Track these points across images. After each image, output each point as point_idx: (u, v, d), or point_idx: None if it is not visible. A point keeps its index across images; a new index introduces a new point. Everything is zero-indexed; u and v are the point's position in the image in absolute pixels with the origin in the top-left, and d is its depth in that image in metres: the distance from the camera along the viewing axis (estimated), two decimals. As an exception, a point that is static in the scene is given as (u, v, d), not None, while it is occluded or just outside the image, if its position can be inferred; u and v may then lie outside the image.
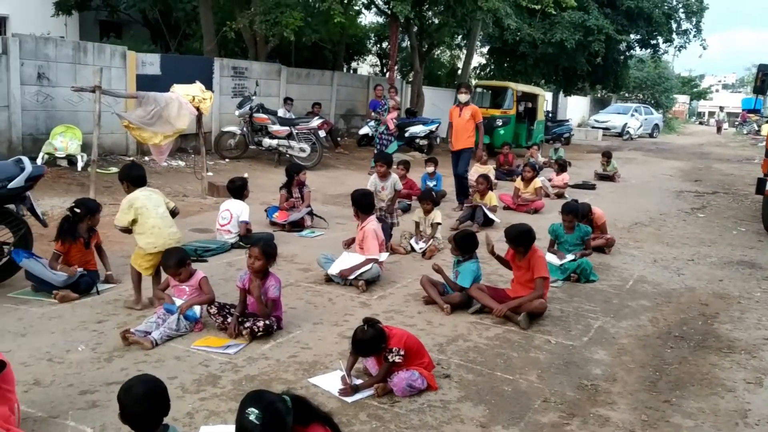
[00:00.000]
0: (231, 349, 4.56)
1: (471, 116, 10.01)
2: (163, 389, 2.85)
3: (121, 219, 5.34)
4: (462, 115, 10.08)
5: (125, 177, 5.55)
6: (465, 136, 10.13)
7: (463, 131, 10.12)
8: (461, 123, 10.09)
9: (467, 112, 10.04)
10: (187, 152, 13.54)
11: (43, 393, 3.84)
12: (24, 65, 10.67)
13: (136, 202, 5.32)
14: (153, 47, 19.48)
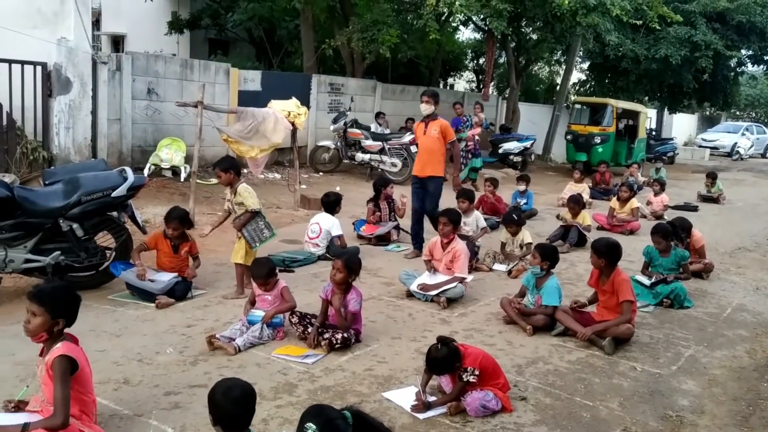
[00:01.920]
0: (309, 359, 4.65)
1: (440, 134, 7.73)
2: (255, 394, 2.95)
3: (255, 201, 5.99)
4: (428, 132, 7.80)
5: (231, 167, 6.06)
6: (434, 160, 7.78)
7: (431, 153, 7.77)
8: (428, 143, 7.81)
9: (434, 128, 7.74)
10: (283, 165, 13.96)
11: (131, 392, 4.05)
12: (135, 81, 11.36)
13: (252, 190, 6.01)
14: (257, 64, 20.29)
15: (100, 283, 6.04)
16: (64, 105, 10.11)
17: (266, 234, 6.12)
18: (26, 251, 5.51)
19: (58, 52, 10.00)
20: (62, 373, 3.15)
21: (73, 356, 3.23)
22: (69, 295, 3.38)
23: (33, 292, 3.31)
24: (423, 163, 7.88)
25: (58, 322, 3.28)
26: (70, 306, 3.35)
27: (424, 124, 7.88)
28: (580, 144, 18.72)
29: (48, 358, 3.22)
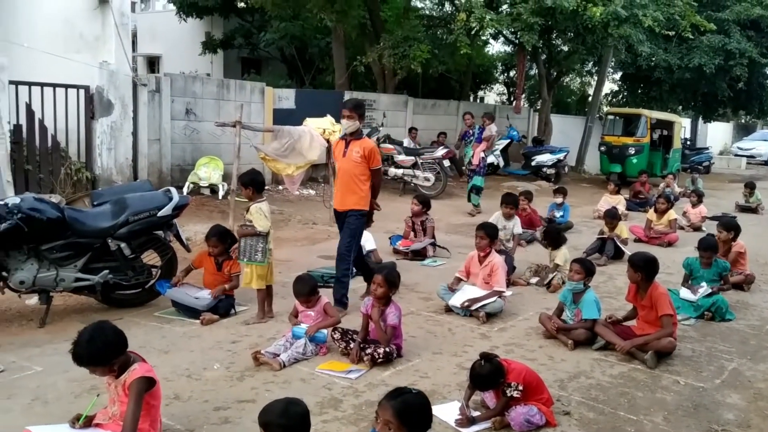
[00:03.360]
0: (353, 374, 4.73)
1: (363, 157, 6.11)
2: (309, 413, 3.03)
3: (265, 224, 5.78)
4: (348, 153, 6.16)
5: (250, 182, 5.92)
6: (354, 189, 6.17)
7: (351, 181, 6.16)
8: (347, 167, 6.17)
9: (356, 149, 6.12)
10: (317, 181, 14.12)
11: (182, 407, 4.17)
12: (174, 102, 11.63)
13: (266, 211, 5.82)
14: (289, 82, 20.61)
15: (146, 300, 6.21)
16: (106, 126, 10.41)
17: (258, 258, 5.80)
18: (76, 270, 5.69)
19: (100, 76, 10.32)
20: (138, 394, 3.31)
21: (151, 376, 3.41)
22: (103, 337, 3.40)
23: (73, 358, 3.39)
24: (342, 193, 6.30)
25: (114, 362, 3.40)
26: (110, 347, 3.40)
27: (343, 143, 6.25)
28: (614, 155, 18.58)
29: (126, 378, 3.37)
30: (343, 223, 6.33)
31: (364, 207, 6.26)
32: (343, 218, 6.34)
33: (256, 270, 5.86)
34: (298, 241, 9.38)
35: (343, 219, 6.32)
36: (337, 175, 6.47)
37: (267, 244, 5.84)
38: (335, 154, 6.53)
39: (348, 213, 6.24)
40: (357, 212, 6.23)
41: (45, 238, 5.51)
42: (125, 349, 3.48)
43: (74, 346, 3.40)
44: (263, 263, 5.84)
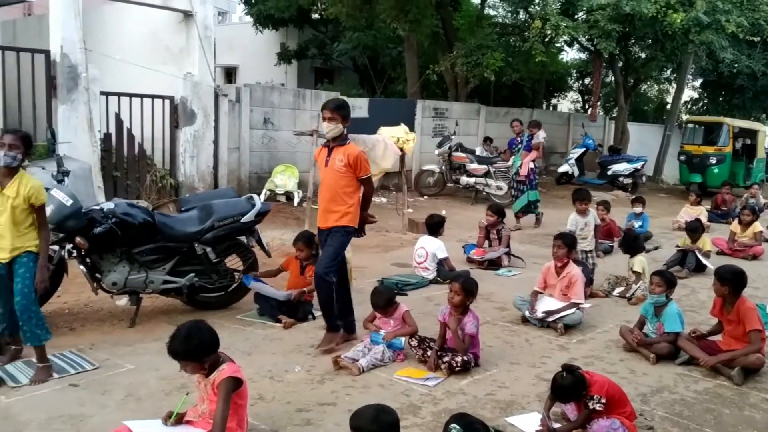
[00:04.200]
0: (430, 382, 4.76)
1: (347, 166, 5.29)
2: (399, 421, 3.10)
3: None
4: (331, 162, 5.35)
5: None
6: (338, 203, 5.35)
7: (334, 194, 5.34)
8: (330, 178, 5.37)
9: (339, 157, 5.31)
10: (389, 189, 14.24)
11: (266, 408, 4.29)
12: (253, 111, 11.98)
13: None
14: (361, 91, 20.87)
15: (229, 303, 6.41)
16: (189, 135, 10.82)
17: None
18: (164, 273, 5.94)
19: (184, 86, 10.73)
20: (226, 393, 3.44)
21: (238, 376, 3.53)
22: (200, 336, 3.55)
23: (169, 351, 3.55)
24: (326, 208, 5.41)
25: (205, 360, 3.54)
26: (204, 345, 3.55)
27: (326, 151, 5.41)
28: (695, 165, 17.99)
29: (215, 377, 3.51)
30: (326, 242, 5.42)
31: (349, 223, 5.36)
32: (326, 235, 5.41)
33: None
34: (372, 249, 9.47)
35: (326, 236, 5.41)
36: (320, 188, 5.50)
37: None
38: (318, 164, 5.58)
39: (331, 230, 5.36)
40: (341, 228, 5.36)
41: (136, 242, 5.77)
42: (217, 348, 3.62)
43: (171, 341, 3.56)
44: None
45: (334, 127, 5.28)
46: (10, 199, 4.44)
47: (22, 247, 4.54)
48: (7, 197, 4.45)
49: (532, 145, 11.77)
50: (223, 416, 3.45)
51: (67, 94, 9.23)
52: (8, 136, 4.50)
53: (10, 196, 4.45)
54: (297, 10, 19.69)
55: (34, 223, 4.61)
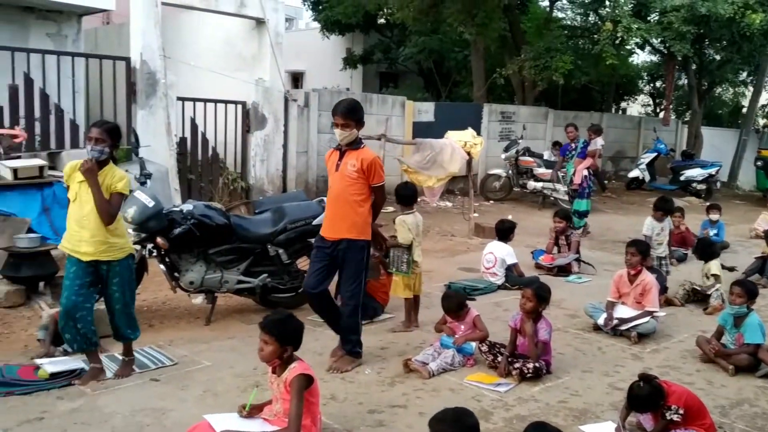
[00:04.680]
0: (501, 387, 4.73)
1: (360, 171, 4.86)
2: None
3: (406, 236, 5.90)
4: (342, 167, 4.93)
5: (395, 195, 6.27)
6: (349, 212, 4.92)
7: (344, 201, 4.93)
8: (341, 185, 4.94)
9: (351, 161, 4.89)
10: (454, 194, 14.20)
11: (338, 407, 4.36)
12: (321, 116, 12.16)
13: (410, 224, 5.91)
14: (426, 95, 20.90)
15: (300, 303, 6.49)
16: (260, 140, 11.07)
17: (403, 269, 5.94)
18: (239, 273, 6.11)
19: (255, 92, 11.00)
20: (299, 390, 3.52)
21: (309, 374, 3.61)
22: (294, 324, 3.73)
23: (263, 323, 3.68)
24: (333, 216, 4.99)
25: (286, 349, 3.64)
26: (296, 334, 3.71)
27: (337, 154, 5.00)
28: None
29: (287, 376, 3.59)
30: (328, 253, 4.96)
31: (361, 235, 4.92)
32: (332, 248, 4.95)
33: (403, 279, 6.03)
34: (438, 253, 9.48)
35: (332, 249, 4.95)
36: (329, 194, 5.10)
37: (411, 256, 5.96)
38: (328, 168, 5.15)
39: (340, 243, 4.91)
40: (355, 243, 4.91)
41: (213, 243, 5.96)
42: (300, 343, 3.72)
43: (270, 316, 3.74)
44: (407, 274, 5.98)
45: (348, 134, 4.84)
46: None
47: (108, 246, 4.50)
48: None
49: (587, 151, 11.23)
50: (298, 413, 3.52)
51: (146, 99, 9.59)
52: (95, 129, 4.51)
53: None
54: (364, 15, 19.86)
55: (118, 222, 4.60)
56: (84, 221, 4.46)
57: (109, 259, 4.55)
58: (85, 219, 4.46)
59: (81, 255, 4.50)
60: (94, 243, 4.48)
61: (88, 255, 4.50)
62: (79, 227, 4.49)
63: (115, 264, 4.59)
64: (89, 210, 4.44)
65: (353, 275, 4.98)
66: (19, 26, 10.81)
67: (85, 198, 4.45)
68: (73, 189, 4.52)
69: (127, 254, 4.68)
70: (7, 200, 7.61)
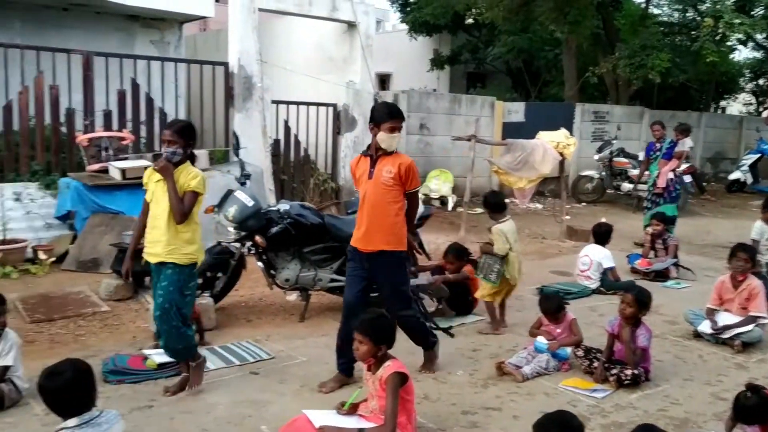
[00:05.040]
0: (598, 394, 4.64)
1: (396, 178, 4.54)
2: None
3: (502, 247, 5.83)
4: (377, 174, 4.57)
5: (483, 203, 6.26)
6: (385, 223, 4.59)
7: (380, 211, 4.59)
8: (376, 192, 4.59)
9: (388, 168, 4.55)
10: (544, 195, 13.97)
11: (432, 407, 4.39)
12: (410, 117, 12.23)
13: (507, 233, 5.85)
14: (514, 95, 20.64)
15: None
16: (350, 141, 11.25)
17: (491, 278, 5.86)
18: (332, 272, 6.23)
19: (346, 94, 11.18)
20: (394, 388, 3.58)
21: (404, 372, 3.65)
22: (387, 323, 3.80)
23: (358, 323, 3.77)
24: (369, 226, 4.61)
25: (380, 348, 3.70)
26: (388, 333, 3.77)
27: (368, 161, 4.64)
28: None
29: (382, 374, 3.65)
30: (362, 267, 4.68)
31: (399, 246, 4.64)
32: (367, 261, 4.64)
33: (491, 286, 5.98)
34: (528, 255, 9.33)
35: (368, 262, 4.64)
36: (361, 204, 4.69)
37: (503, 266, 5.84)
38: (355, 176, 4.79)
39: (378, 256, 4.60)
40: (393, 255, 4.63)
41: (308, 241, 6.12)
42: (393, 342, 3.78)
43: (364, 316, 3.82)
44: (495, 284, 5.90)
45: (398, 137, 4.60)
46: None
47: (174, 248, 4.30)
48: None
49: (674, 152, 10.28)
50: (393, 410, 3.57)
51: (243, 102, 9.93)
52: (167, 131, 4.37)
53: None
54: (452, 16, 19.81)
55: (192, 228, 4.39)
56: (155, 221, 4.34)
57: (170, 261, 4.31)
58: (156, 219, 4.33)
59: (150, 256, 4.38)
60: (160, 243, 4.31)
61: (156, 256, 4.34)
62: (150, 227, 4.38)
63: (171, 267, 4.31)
64: (161, 210, 4.29)
65: (397, 291, 4.67)
66: (126, 34, 11.43)
67: (159, 197, 4.32)
68: (150, 189, 4.41)
69: (189, 261, 4.38)
70: (116, 199, 8.07)
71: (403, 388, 3.68)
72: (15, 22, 10.43)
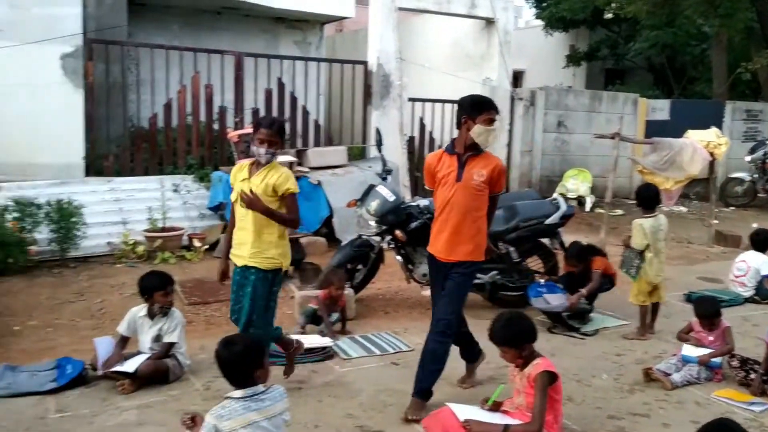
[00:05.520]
0: (756, 407, 4.35)
1: (488, 180, 4.15)
2: None
3: (639, 242, 5.64)
4: (466, 176, 4.13)
5: (636, 196, 6.03)
6: (469, 229, 4.20)
7: (466, 217, 4.17)
8: (462, 197, 4.15)
9: (478, 170, 4.13)
10: (689, 198, 13.24)
11: (576, 409, 4.30)
12: (547, 114, 11.99)
13: (648, 229, 5.63)
14: (656, 92, 19.65)
15: (527, 303, 6.48)
16: (485, 138, 11.17)
17: (631, 272, 5.68)
18: (470, 269, 6.23)
19: (482, 91, 11.07)
20: (543, 387, 3.54)
21: (553, 371, 3.61)
22: (522, 325, 3.69)
23: (491, 336, 3.72)
24: (452, 235, 4.19)
25: (524, 348, 3.66)
26: (527, 332, 3.69)
27: (454, 161, 4.18)
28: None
29: (530, 371, 3.63)
30: (444, 276, 4.28)
31: (480, 257, 4.27)
32: (445, 269, 4.26)
33: (636, 285, 5.80)
34: (674, 260, 8.88)
35: (445, 270, 4.26)
36: (441, 208, 4.23)
37: (642, 261, 5.66)
38: (435, 175, 4.26)
39: (458, 266, 4.21)
40: (473, 266, 4.27)
41: (447, 237, 6.14)
42: (534, 339, 3.73)
43: (492, 326, 3.75)
44: (634, 278, 5.73)
45: (494, 131, 4.17)
46: (254, 186, 4.07)
47: (257, 251, 4.10)
48: (253, 185, 4.08)
49: None
50: (542, 409, 3.54)
51: (380, 100, 10.14)
52: (266, 130, 4.08)
53: (255, 184, 4.08)
54: (592, 10, 19.17)
55: (278, 231, 4.17)
56: (243, 222, 4.16)
57: (254, 266, 4.12)
58: (243, 220, 4.15)
59: (237, 259, 4.21)
60: (247, 246, 4.13)
61: (242, 259, 4.17)
62: (237, 228, 4.21)
63: (255, 272, 4.13)
64: (246, 210, 4.09)
65: (456, 298, 4.26)
66: (271, 35, 12.00)
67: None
68: (236, 189, 4.18)
69: (272, 266, 4.15)
70: (263, 192, 8.50)
71: (551, 387, 3.63)
72: (173, 25, 11.23)
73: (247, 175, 4.15)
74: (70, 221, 7.27)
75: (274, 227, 4.13)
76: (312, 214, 8.61)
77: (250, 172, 4.15)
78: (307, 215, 8.66)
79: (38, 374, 4.49)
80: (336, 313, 5.69)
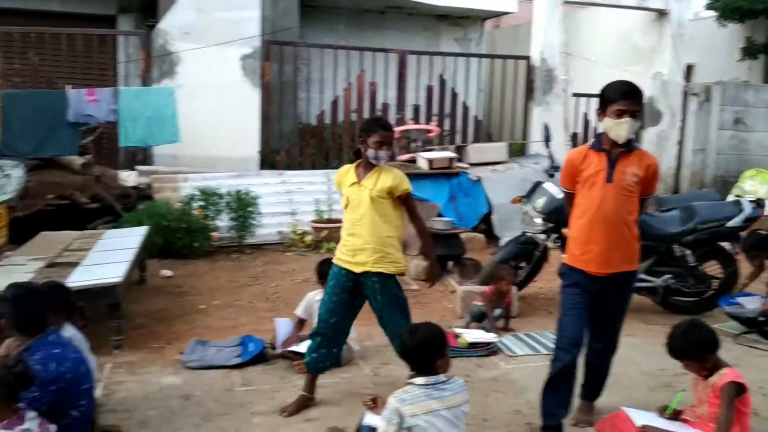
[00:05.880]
0: None
1: (642, 180, 3.66)
2: None
3: None
4: (618, 176, 3.60)
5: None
6: (625, 235, 3.71)
7: (620, 222, 3.67)
8: (614, 197, 3.62)
9: (631, 169, 3.61)
10: None
11: (762, 424, 4.04)
12: (723, 111, 11.20)
13: None
14: None
15: (702, 310, 6.11)
16: (653, 136, 10.66)
17: None
18: (642, 271, 5.97)
19: (652, 86, 10.60)
20: (729, 398, 3.35)
21: (741, 382, 3.41)
22: (700, 334, 3.50)
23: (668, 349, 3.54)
24: (606, 243, 3.68)
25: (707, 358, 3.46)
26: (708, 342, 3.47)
27: (603, 159, 3.65)
28: None
29: (716, 381, 3.44)
30: (594, 291, 3.74)
31: (637, 264, 3.92)
32: (597, 284, 3.73)
33: None
34: None
35: (597, 285, 3.73)
36: (592, 214, 3.69)
37: None
38: (580, 173, 3.72)
39: (615, 277, 3.75)
40: (632, 276, 3.90)
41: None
42: (716, 349, 3.51)
43: (669, 337, 3.57)
44: None
45: (627, 123, 3.52)
46: (367, 190, 3.87)
47: (380, 256, 3.90)
48: (365, 188, 3.88)
49: None
50: (727, 421, 3.34)
51: (543, 96, 9.97)
52: (386, 132, 3.93)
53: (367, 187, 3.88)
54: (774, -2, 17.60)
55: (397, 230, 4.00)
56: (354, 227, 3.93)
57: (380, 271, 3.91)
58: (358, 224, 3.91)
59: (353, 266, 3.94)
60: (366, 251, 3.89)
61: (360, 265, 3.92)
62: (348, 234, 3.97)
63: (378, 278, 3.93)
64: (360, 215, 3.89)
65: (621, 312, 3.93)
66: (432, 33, 12.14)
67: (356, 201, 3.92)
68: (345, 195, 4.00)
69: (396, 271, 3.99)
70: (422, 187, 8.65)
71: (739, 399, 3.42)
72: (339, 25, 11.69)
73: (355, 179, 3.95)
74: (247, 210, 7.81)
75: (393, 230, 3.95)
76: (471, 211, 8.64)
77: (358, 176, 3.95)
78: (466, 211, 8.72)
79: (224, 350, 4.88)
80: (499, 309, 5.67)
